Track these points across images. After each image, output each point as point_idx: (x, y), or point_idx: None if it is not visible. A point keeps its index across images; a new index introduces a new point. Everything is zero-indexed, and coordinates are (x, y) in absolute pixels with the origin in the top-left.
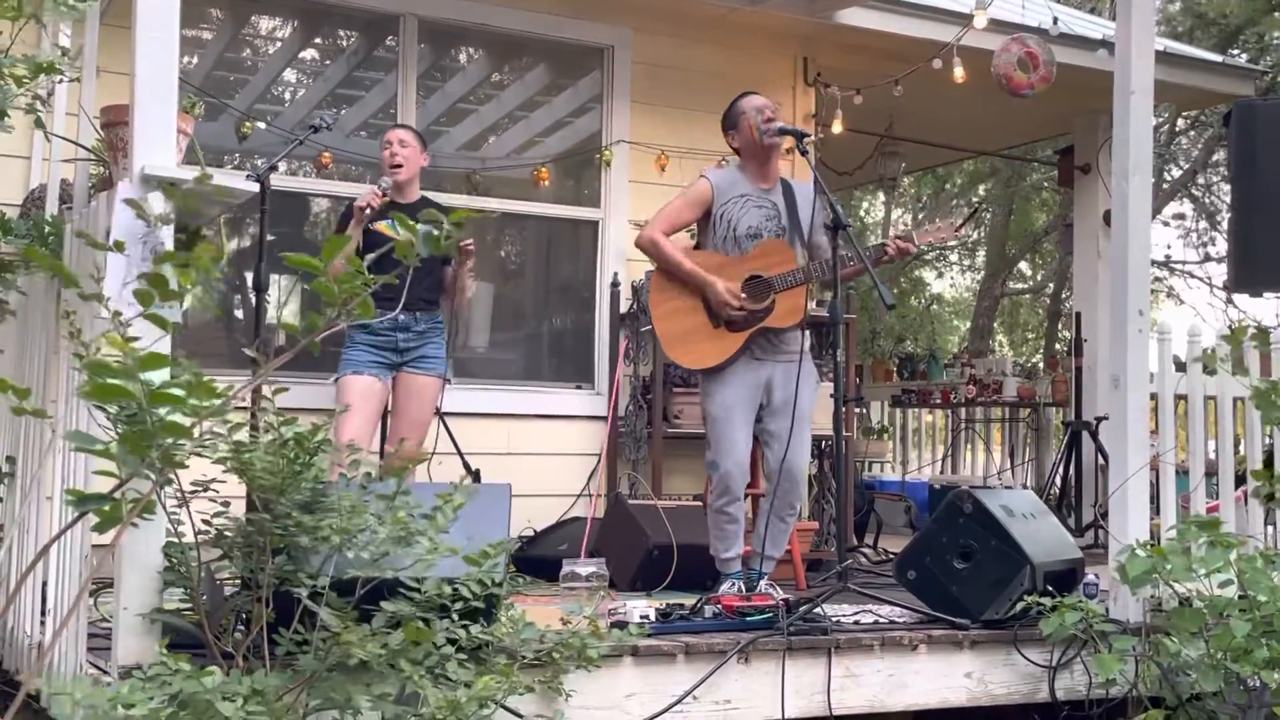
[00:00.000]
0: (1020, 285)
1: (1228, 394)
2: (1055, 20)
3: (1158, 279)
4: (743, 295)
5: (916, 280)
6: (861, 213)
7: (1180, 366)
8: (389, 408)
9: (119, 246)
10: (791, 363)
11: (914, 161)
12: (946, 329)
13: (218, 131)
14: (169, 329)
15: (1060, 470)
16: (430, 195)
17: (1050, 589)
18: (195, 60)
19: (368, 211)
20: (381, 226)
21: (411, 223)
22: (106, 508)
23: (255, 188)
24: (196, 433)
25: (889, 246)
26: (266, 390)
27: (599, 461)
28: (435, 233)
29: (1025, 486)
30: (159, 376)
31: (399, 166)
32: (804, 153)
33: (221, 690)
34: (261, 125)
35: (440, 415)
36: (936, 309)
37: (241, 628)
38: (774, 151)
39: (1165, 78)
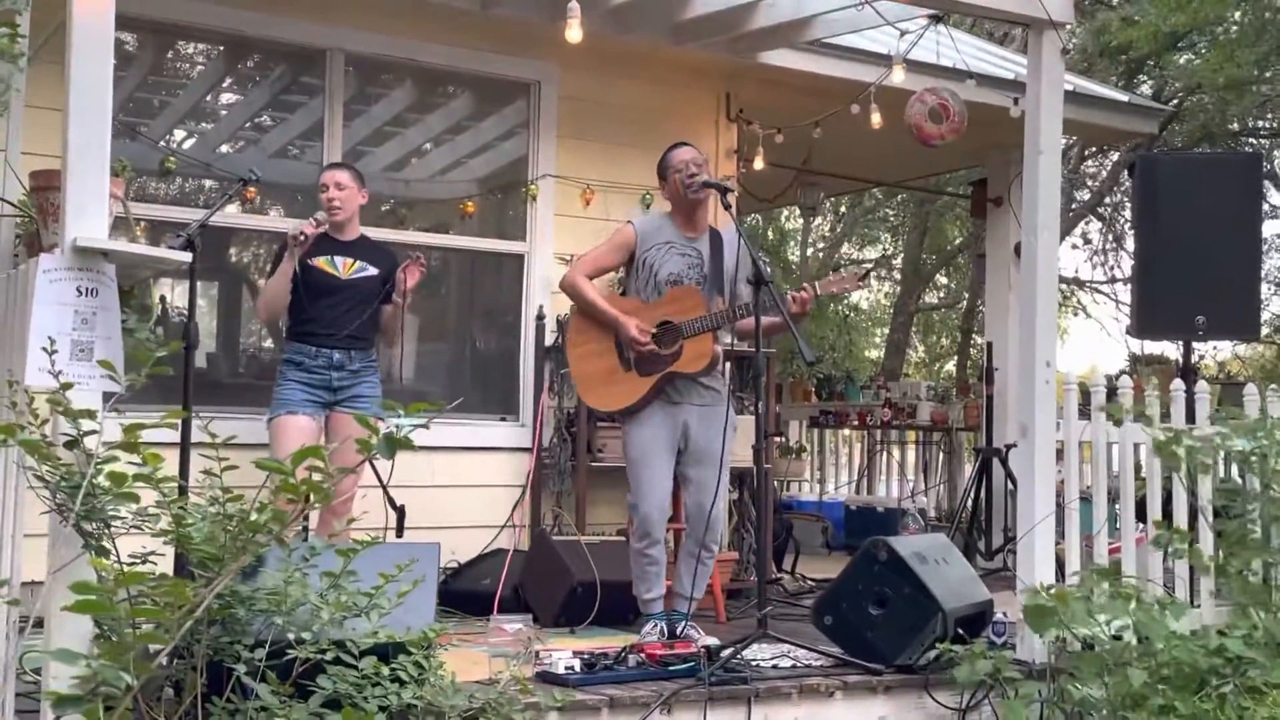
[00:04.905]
0: (934, 299)
1: (1129, 440)
2: (971, 77)
3: (1066, 296)
4: (653, 331)
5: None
6: (782, 220)
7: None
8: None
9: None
10: (708, 406)
11: (831, 189)
12: (864, 336)
13: (140, 153)
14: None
15: (971, 494)
16: (368, 232)
17: (960, 632)
18: (118, 81)
19: (301, 238)
20: (320, 263)
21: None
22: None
23: (188, 257)
24: (167, 633)
25: (790, 301)
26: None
27: (523, 493)
28: (393, 434)
29: (939, 509)
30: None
31: (338, 209)
32: (727, 207)
33: None
34: (185, 150)
35: None
36: (854, 318)
37: (172, 693)
38: (700, 205)
39: (1074, 116)
